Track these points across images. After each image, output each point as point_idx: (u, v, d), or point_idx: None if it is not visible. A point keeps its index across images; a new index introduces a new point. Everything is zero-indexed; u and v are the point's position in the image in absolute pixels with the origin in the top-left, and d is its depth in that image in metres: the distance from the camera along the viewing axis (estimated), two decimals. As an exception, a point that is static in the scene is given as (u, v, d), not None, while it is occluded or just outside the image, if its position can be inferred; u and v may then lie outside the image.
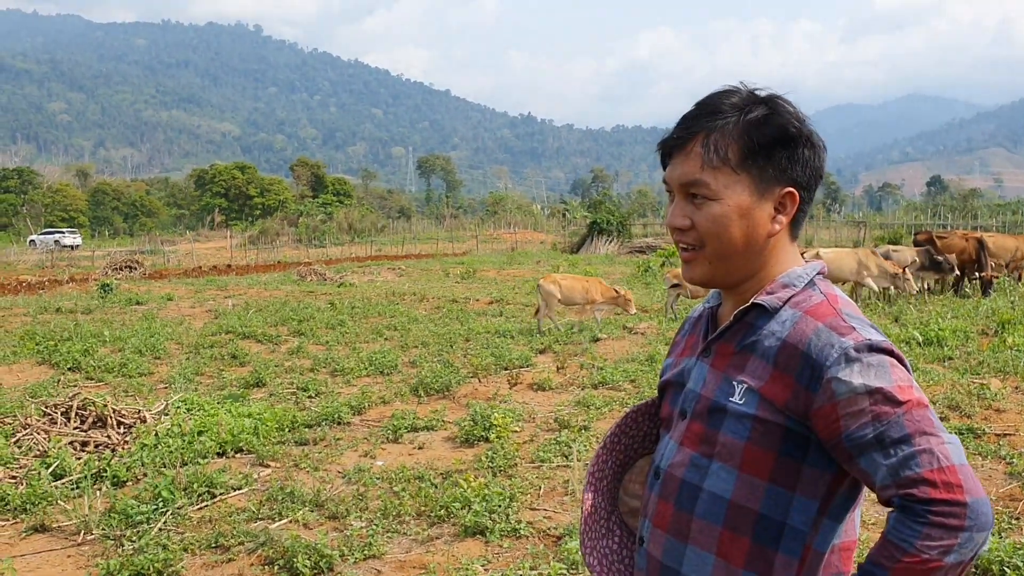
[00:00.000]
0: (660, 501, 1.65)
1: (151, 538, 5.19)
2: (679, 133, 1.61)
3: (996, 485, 5.95)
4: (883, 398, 1.42)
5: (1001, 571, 4.36)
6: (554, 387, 9.59)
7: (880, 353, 1.46)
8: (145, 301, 19.75)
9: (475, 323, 14.84)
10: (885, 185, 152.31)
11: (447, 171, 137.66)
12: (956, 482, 1.37)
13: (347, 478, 6.46)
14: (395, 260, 37.72)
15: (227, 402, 8.50)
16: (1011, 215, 58.98)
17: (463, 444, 7.39)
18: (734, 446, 1.53)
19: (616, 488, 1.87)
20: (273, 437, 7.56)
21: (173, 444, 7.02)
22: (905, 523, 1.38)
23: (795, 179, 1.59)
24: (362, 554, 4.97)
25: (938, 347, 10.72)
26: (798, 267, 1.63)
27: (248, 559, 5.00)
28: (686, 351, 1.77)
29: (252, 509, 5.77)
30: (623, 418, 1.87)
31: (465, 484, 5.82)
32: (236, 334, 14.05)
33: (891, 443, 1.40)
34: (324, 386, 9.83)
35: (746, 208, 1.57)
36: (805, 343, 1.48)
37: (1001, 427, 7.28)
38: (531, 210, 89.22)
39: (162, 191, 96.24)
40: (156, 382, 10.45)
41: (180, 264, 38.73)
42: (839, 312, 1.52)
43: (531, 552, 4.96)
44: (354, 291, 22.07)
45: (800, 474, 1.51)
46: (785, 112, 1.59)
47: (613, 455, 1.86)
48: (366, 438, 7.64)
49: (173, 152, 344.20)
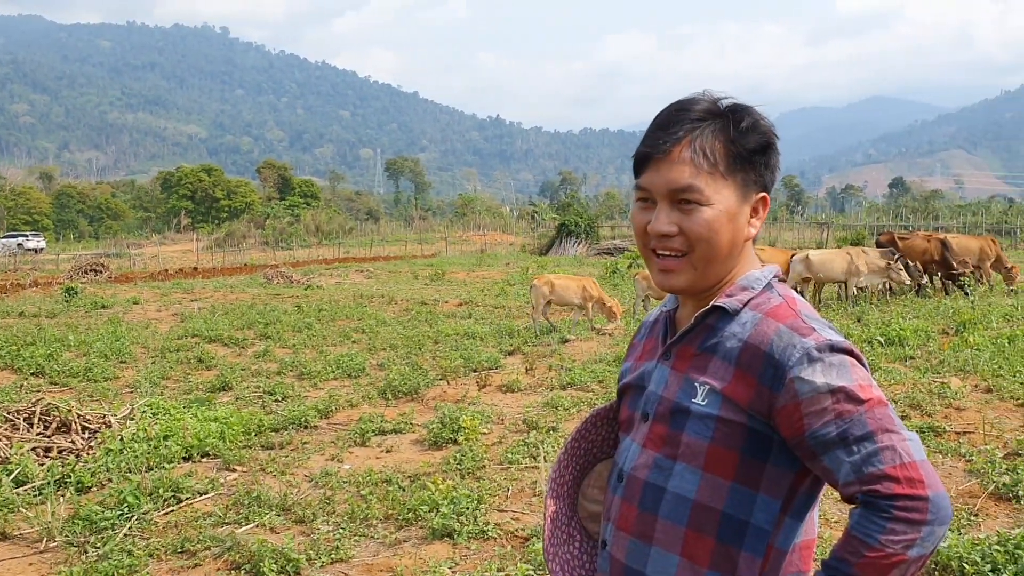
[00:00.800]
0: (623, 503, 1.66)
1: (116, 544, 5.14)
2: (664, 139, 1.61)
3: (956, 482, 6.05)
4: (845, 397, 1.45)
5: (960, 567, 4.44)
6: (523, 388, 9.62)
7: (841, 353, 1.49)
8: (111, 305, 19.53)
9: (444, 325, 14.83)
10: (848, 187, 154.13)
11: (416, 173, 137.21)
12: (918, 477, 1.40)
13: (314, 482, 6.44)
14: (363, 262, 37.60)
15: (193, 406, 8.45)
16: (971, 216, 59.90)
17: (431, 447, 7.39)
18: (698, 446, 1.56)
19: (575, 493, 1.88)
20: (239, 441, 7.52)
21: (139, 449, 6.96)
22: (869, 518, 1.41)
23: (767, 185, 1.64)
24: (329, 558, 4.96)
25: (899, 347, 10.86)
26: (755, 270, 1.67)
27: (214, 564, 4.97)
28: (645, 355, 1.78)
29: (218, 514, 5.74)
30: (583, 424, 1.88)
31: (433, 487, 5.83)
32: (202, 338, 13.94)
33: (854, 440, 1.43)
34: (291, 390, 9.79)
35: (733, 213, 1.60)
36: (767, 344, 1.51)
37: (961, 425, 7.39)
38: (500, 212, 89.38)
39: (128, 194, 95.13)
40: (122, 386, 10.35)
41: (146, 267, 38.31)
42: (799, 314, 1.56)
43: (498, 554, 4.98)
44: (321, 294, 21.97)
45: (763, 473, 1.54)
46: (764, 120, 1.64)
47: (573, 460, 1.88)
48: (333, 442, 7.62)
49: (139, 154, 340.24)
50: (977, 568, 4.37)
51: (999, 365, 9.39)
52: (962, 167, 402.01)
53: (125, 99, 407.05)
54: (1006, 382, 8.62)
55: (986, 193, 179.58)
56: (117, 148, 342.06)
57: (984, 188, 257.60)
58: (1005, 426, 7.31)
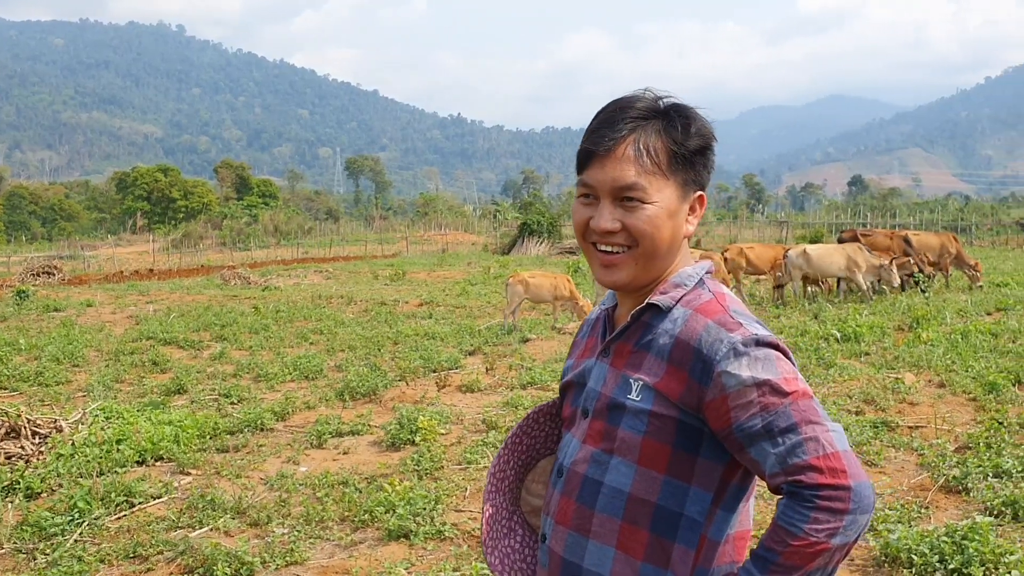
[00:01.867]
0: (563, 498, 1.68)
1: (66, 550, 5.06)
2: (608, 137, 1.63)
3: (908, 476, 6.14)
4: (770, 390, 1.48)
5: (908, 559, 4.50)
6: (483, 388, 9.61)
7: (766, 347, 1.52)
8: (63, 308, 19.19)
9: (404, 325, 14.77)
10: (808, 185, 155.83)
11: (376, 172, 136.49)
12: (840, 468, 1.44)
13: (270, 485, 6.38)
14: (322, 263, 37.31)
15: (147, 409, 8.33)
16: (928, 213, 61.01)
17: (389, 448, 7.35)
18: (632, 441, 1.58)
19: (518, 488, 1.91)
20: (194, 444, 7.43)
21: (90, 453, 6.85)
22: (794, 508, 1.44)
23: (704, 183, 1.68)
24: (284, 560, 4.92)
25: (855, 343, 11.01)
26: (688, 267, 1.70)
27: (167, 568, 4.90)
28: (586, 352, 1.81)
29: (172, 518, 5.66)
30: (525, 420, 1.91)
31: (390, 488, 5.80)
32: (157, 340, 13.75)
33: (779, 432, 1.46)
34: (247, 392, 9.69)
35: (673, 211, 1.64)
36: (696, 339, 1.54)
37: (914, 420, 7.51)
38: (462, 211, 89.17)
39: (82, 195, 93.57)
40: (74, 390, 10.18)
41: (101, 269, 37.69)
42: (727, 309, 1.59)
43: (455, 553, 4.96)
44: (279, 295, 21.79)
45: (695, 466, 1.57)
46: (704, 121, 1.67)
47: (515, 456, 1.90)
48: (290, 444, 7.55)
49: (93, 154, 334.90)
50: (925, 559, 4.43)
51: (952, 360, 9.56)
52: (919, 165, 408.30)
53: (79, 98, 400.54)
54: (959, 377, 8.76)
55: (943, 191, 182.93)
56: (71, 148, 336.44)
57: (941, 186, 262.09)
58: (957, 420, 7.44)
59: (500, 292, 21.04)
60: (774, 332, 9.98)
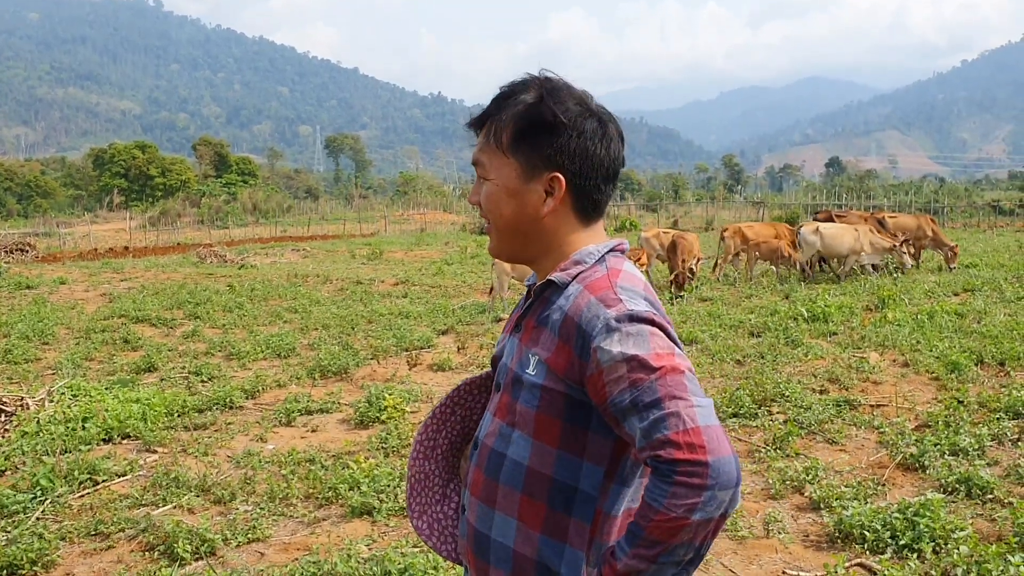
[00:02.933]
0: (476, 469, 1.72)
1: (27, 528, 5.05)
2: (477, 116, 1.74)
3: (867, 454, 6.22)
4: (638, 365, 1.48)
5: (861, 535, 4.58)
6: (454, 367, 9.63)
7: (640, 323, 1.52)
8: (36, 285, 19.05)
9: (379, 305, 14.77)
10: (786, 166, 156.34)
11: (356, 151, 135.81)
12: (699, 443, 1.42)
13: (236, 462, 6.38)
14: (300, 241, 37.17)
15: (115, 387, 8.29)
16: (904, 195, 61.36)
17: (357, 426, 7.37)
18: (527, 414, 1.62)
19: (455, 457, 1.94)
20: (162, 422, 7.41)
21: (56, 431, 6.82)
22: (656, 483, 1.44)
23: (562, 165, 1.65)
24: (246, 537, 4.93)
25: (824, 323, 11.11)
26: (592, 245, 1.70)
27: (128, 545, 4.91)
28: (509, 326, 1.84)
29: (135, 496, 5.66)
30: (455, 390, 1.94)
31: (355, 465, 5.82)
32: (129, 318, 13.69)
33: (643, 407, 1.46)
34: (218, 370, 9.67)
35: (513, 189, 1.68)
36: (579, 315, 1.57)
37: (876, 398, 7.60)
38: (442, 191, 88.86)
39: (58, 171, 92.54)
40: (43, 368, 10.12)
41: (76, 247, 37.37)
42: (613, 285, 1.59)
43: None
44: (255, 273, 21.70)
45: (586, 440, 1.60)
46: (554, 101, 1.65)
47: (446, 425, 1.93)
48: (258, 422, 7.55)
49: (70, 131, 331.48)
50: (877, 535, 4.51)
51: (917, 340, 9.67)
52: (896, 147, 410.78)
53: (55, 73, 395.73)
54: (922, 356, 8.87)
55: (919, 173, 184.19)
56: (47, 124, 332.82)
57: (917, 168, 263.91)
58: (918, 399, 7.54)
59: (475, 272, 21.08)
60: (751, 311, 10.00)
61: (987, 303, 12.29)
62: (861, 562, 4.37)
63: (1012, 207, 52.20)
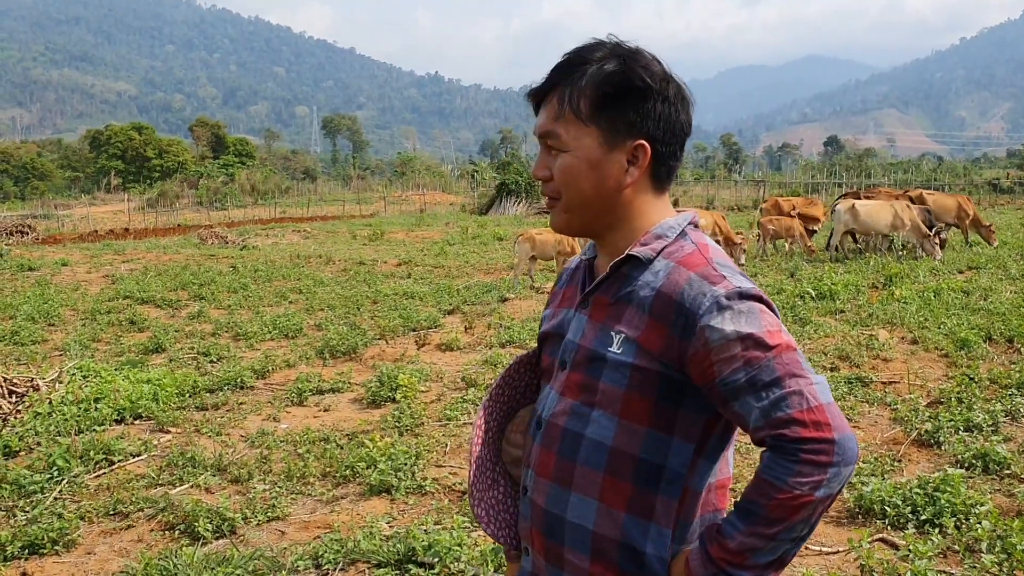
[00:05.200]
0: (543, 450, 1.67)
1: (45, 508, 5.05)
2: (542, 85, 1.65)
3: (881, 430, 6.23)
4: (754, 343, 1.46)
5: (882, 510, 4.59)
6: (462, 347, 9.63)
7: (750, 300, 1.50)
8: (38, 267, 19.00)
9: (383, 285, 14.75)
10: (784, 145, 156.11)
11: (353, 131, 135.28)
12: (824, 421, 1.42)
13: (250, 442, 6.39)
14: (300, 222, 37.07)
15: (125, 368, 8.29)
16: (903, 174, 61.29)
17: (369, 405, 7.37)
18: (614, 394, 1.57)
19: (499, 439, 1.89)
20: (173, 403, 7.41)
21: (68, 412, 6.82)
22: (778, 462, 1.43)
23: (647, 132, 1.60)
24: (265, 516, 4.94)
25: (831, 301, 11.11)
26: (670, 218, 1.67)
27: (148, 525, 4.92)
28: (564, 302, 1.79)
29: (152, 475, 5.66)
30: (507, 369, 1.88)
31: (371, 444, 5.83)
32: (134, 299, 13.67)
33: (763, 386, 1.45)
34: (226, 350, 9.66)
35: (596, 160, 1.60)
36: (679, 293, 1.52)
37: (887, 375, 7.62)
38: (440, 171, 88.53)
39: (55, 153, 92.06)
40: (51, 350, 10.10)
41: (75, 229, 37.27)
42: (710, 261, 1.56)
43: (436, 507, 5.01)
44: (257, 254, 21.66)
45: (676, 418, 1.56)
46: (639, 66, 1.59)
47: (497, 407, 1.88)
48: (270, 402, 7.55)
49: (66, 113, 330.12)
50: (898, 510, 4.53)
51: (925, 317, 9.68)
52: (894, 126, 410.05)
53: (49, 55, 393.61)
54: (931, 333, 8.88)
55: (917, 151, 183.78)
56: (42, 106, 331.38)
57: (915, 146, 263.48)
58: (929, 376, 7.56)
59: (478, 252, 21.06)
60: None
61: (992, 280, 12.30)
62: (883, 537, 4.38)
63: (1011, 185, 52.15)
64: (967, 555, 4.07)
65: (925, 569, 3.71)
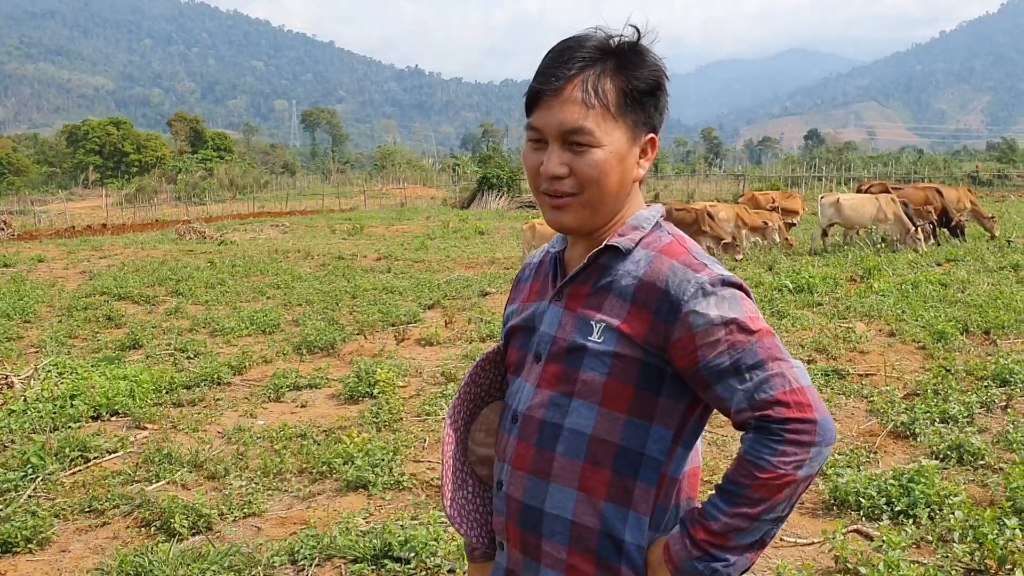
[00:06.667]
0: (520, 443, 1.67)
1: (20, 505, 5.01)
2: (556, 77, 1.58)
3: (858, 422, 6.27)
4: (738, 328, 1.50)
5: (857, 501, 4.62)
6: (442, 342, 9.61)
7: (731, 287, 1.54)
8: (13, 263, 18.84)
9: (362, 280, 14.70)
10: (765, 139, 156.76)
11: (333, 125, 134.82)
12: (807, 402, 1.47)
13: (227, 438, 6.35)
14: (279, 217, 36.93)
15: (101, 364, 8.22)
16: (883, 167, 61.68)
17: (347, 401, 7.35)
18: (595, 383, 1.58)
19: (466, 439, 1.87)
20: (150, 399, 7.36)
21: (43, 409, 6.76)
22: (761, 442, 1.47)
23: (655, 126, 1.64)
24: (242, 512, 4.91)
25: (809, 294, 11.17)
26: (644, 211, 1.69)
27: (123, 522, 4.89)
28: (532, 296, 1.78)
29: (128, 472, 5.62)
30: (473, 368, 1.86)
31: (348, 440, 5.80)
32: (111, 295, 13.57)
33: (746, 369, 1.48)
34: (203, 346, 9.61)
35: (623, 154, 1.60)
36: (663, 280, 1.54)
37: (864, 368, 7.66)
38: (421, 165, 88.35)
39: (31, 148, 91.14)
40: (26, 346, 10.02)
41: (52, 225, 36.99)
42: (689, 251, 1.59)
43: (413, 502, 5.00)
44: (235, 249, 21.54)
45: (657, 406, 1.58)
46: (656, 60, 1.62)
47: (465, 406, 1.86)
48: (247, 398, 7.52)
49: (42, 107, 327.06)
50: (873, 501, 4.56)
51: (902, 310, 9.75)
52: (875, 119, 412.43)
53: (24, 49, 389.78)
54: (908, 326, 8.95)
55: (897, 144, 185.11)
56: (17, 100, 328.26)
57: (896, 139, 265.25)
58: (905, 368, 7.61)
59: (459, 246, 21.06)
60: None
61: (970, 273, 12.39)
62: (858, 528, 4.41)
63: (990, 178, 52.58)
64: (940, 545, 4.10)
65: (898, 560, 3.74)
